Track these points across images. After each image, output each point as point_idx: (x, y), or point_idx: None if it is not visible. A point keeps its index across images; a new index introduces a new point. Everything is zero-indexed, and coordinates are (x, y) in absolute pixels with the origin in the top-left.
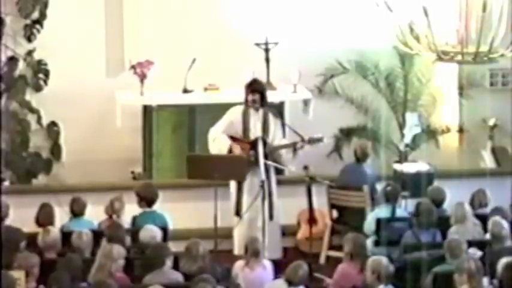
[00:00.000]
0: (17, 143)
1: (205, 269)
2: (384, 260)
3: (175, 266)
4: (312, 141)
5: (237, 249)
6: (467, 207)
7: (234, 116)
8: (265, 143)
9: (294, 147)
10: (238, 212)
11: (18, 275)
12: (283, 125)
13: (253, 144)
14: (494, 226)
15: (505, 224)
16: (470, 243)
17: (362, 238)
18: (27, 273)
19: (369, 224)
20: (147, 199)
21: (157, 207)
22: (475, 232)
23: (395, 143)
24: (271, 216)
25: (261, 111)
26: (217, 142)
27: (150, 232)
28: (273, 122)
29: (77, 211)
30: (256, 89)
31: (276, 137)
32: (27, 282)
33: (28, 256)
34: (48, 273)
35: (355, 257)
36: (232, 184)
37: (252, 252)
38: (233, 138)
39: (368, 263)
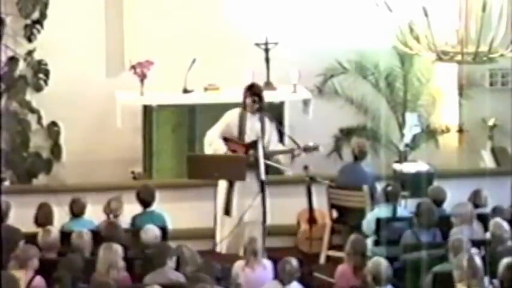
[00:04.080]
0: (18, 143)
1: (201, 269)
2: (383, 262)
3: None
4: (308, 149)
5: (225, 248)
6: (471, 208)
7: (230, 118)
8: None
9: (291, 154)
10: (227, 211)
11: (18, 274)
12: (279, 129)
13: (248, 147)
14: (496, 228)
15: (506, 226)
16: (471, 243)
17: (362, 240)
18: (25, 266)
19: (369, 224)
20: (143, 200)
21: (156, 207)
22: (478, 232)
23: (395, 143)
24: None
25: (257, 115)
26: (214, 147)
27: (153, 232)
28: (269, 126)
29: (76, 212)
30: (255, 92)
31: (271, 142)
32: (26, 274)
33: (26, 248)
34: (48, 273)
35: (355, 258)
36: (221, 184)
37: (251, 251)
38: (229, 140)
39: (368, 264)
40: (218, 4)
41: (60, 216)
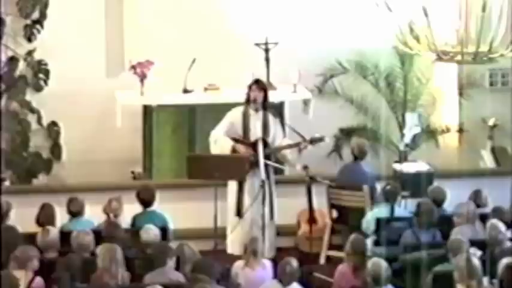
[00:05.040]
0: (18, 143)
1: (199, 269)
2: (382, 263)
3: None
4: (314, 140)
5: (237, 249)
6: (474, 207)
7: (234, 117)
8: (265, 144)
9: (298, 147)
10: (239, 212)
11: (18, 274)
12: (282, 124)
13: (255, 145)
14: (492, 229)
15: (502, 227)
16: (471, 243)
17: (362, 239)
18: (25, 266)
19: (368, 223)
20: (143, 200)
21: (157, 207)
22: (480, 232)
23: (395, 143)
24: (271, 216)
25: (260, 112)
26: (219, 144)
27: (153, 231)
28: (273, 122)
29: (74, 211)
30: (260, 86)
31: (277, 137)
32: (26, 275)
33: (26, 249)
34: (48, 273)
35: (355, 258)
36: (231, 184)
37: (252, 251)
38: (234, 140)
39: (367, 265)
40: (218, 4)
41: (61, 216)
